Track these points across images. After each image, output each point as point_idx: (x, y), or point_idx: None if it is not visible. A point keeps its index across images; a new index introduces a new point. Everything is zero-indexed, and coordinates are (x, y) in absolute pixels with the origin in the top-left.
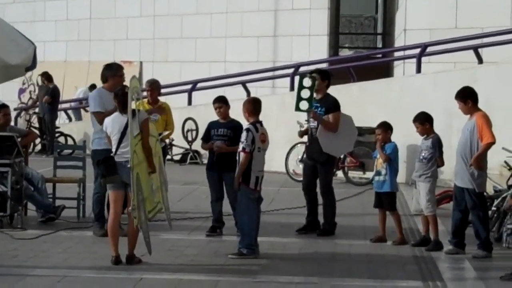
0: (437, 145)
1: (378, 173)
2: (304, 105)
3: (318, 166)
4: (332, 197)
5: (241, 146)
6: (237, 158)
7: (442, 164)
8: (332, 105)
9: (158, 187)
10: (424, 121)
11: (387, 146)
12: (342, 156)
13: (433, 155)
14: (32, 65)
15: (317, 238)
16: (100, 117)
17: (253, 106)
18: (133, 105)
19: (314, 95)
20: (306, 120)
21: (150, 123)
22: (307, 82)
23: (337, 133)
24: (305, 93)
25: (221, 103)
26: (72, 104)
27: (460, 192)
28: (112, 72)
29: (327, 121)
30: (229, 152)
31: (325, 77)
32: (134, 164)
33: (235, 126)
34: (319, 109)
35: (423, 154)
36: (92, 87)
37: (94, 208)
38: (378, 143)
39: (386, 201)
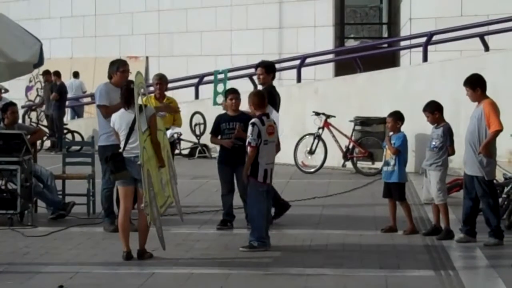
0: (448, 133)
1: (386, 164)
2: (220, 98)
3: None
4: None
5: (247, 140)
6: (246, 151)
7: (453, 152)
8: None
9: (168, 181)
10: (434, 110)
11: (395, 137)
12: (351, 147)
13: (444, 143)
14: (40, 62)
15: (327, 230)
16: (105, 110)
17: (258, 99)
18: (139, 100)
19: (259, 87)
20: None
21: (157, 117)
22: (221, 75)
23: None
24: (220, 87)
25: (236, 94)
26: (83, 100)
27: (470, 180)
28: (114, 68)
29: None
30: (242, 145)
31: (270, 70)
32: (144, 160)
33: (246, 119)
34: None
35: (433, 143)
36: (76, 74)
37: (103, 204)
38: (387, 137)
39: (395, 191)
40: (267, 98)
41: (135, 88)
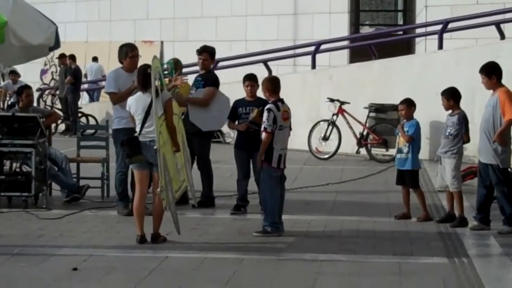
0: (463, 121)
1: (400, 151)
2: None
3: (193, 138)
4: (207, 170)
5: (262, 125)
6: (261, 137)
7: (468, 140)
8: (210, 81)
9: (183, 165)
10: (449, 97)
11: (408, 124)
12: (365, 133)
13: (459, 131)
14: (56, 45)
15: (340, 216)
16: (113, 97)
17: (273, 84)
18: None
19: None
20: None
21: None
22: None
23: (209, 108)
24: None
25: (252, 81)
26: (93, 84)
27: (484, 168)
28: (123, 54)
29: (191, 98)
30: (257, 130)
31: (213, 56)
32: (160, 145)
33: (263, 104)
34: (199, 83)
35: (448, 131)
36: (95, 59)
37: (117, 187)
38: (400, 125)
39: (409, 178)
40: (212, 83)
41: (152, 73)
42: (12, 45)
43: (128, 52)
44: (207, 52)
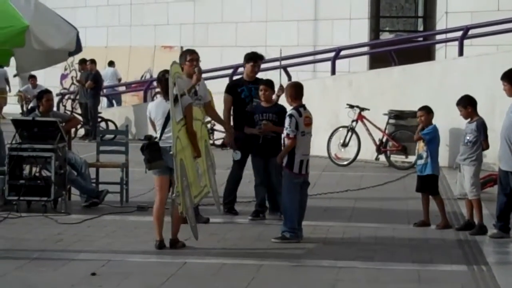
0: (482, 128)
1: (420, 157)
2: None
3: None
4: None
5: (285, 132)
6: (282, 143)
7: (487, 147)
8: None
9: (205, 171)
10: (466, 104)
11: (426, 130)
12: (384, 140)
13: (478, 138)
14: (76, 50)
15: (359, 223)
16: None
17: (295, 90)
18: (175, 90)
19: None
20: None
21: (195, 107)
22: None
23: None
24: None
25: (267, 85)
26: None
27: (504, 176)
28: (182, 60)
29: None
30: (274, 137)
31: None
32: (178, 150)
33: (280, 111)
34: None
35: (467, 138)
36: (110, 64)
37: None
38: (417, 131)
39: (428, 184)
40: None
41: (169, 78)
42: (33, 49)
43: (187, 56)
44: (260, 59)
